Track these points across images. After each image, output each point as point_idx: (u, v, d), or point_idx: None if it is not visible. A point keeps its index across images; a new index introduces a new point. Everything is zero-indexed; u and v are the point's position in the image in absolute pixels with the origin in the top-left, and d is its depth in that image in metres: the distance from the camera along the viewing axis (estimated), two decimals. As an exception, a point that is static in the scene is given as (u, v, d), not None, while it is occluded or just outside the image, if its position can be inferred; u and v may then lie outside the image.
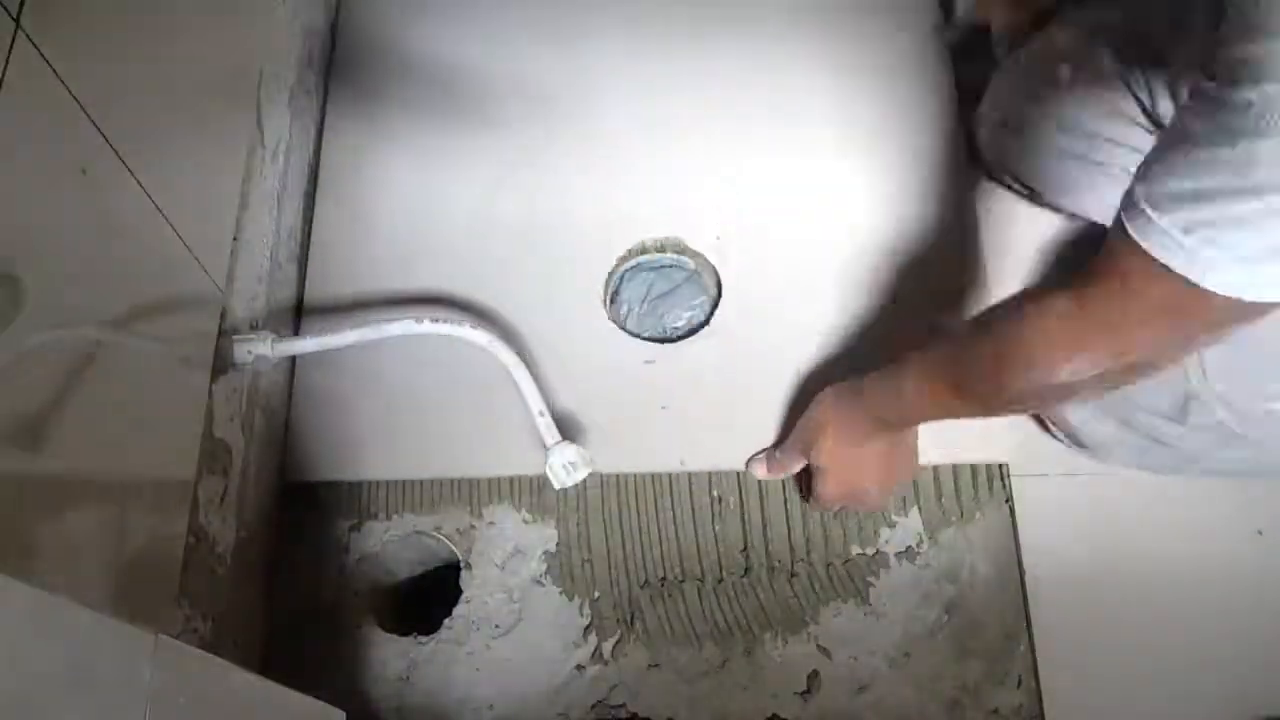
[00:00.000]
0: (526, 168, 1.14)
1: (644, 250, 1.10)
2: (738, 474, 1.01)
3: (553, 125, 1.16)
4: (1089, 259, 0.63)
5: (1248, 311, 0.56)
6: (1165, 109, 0.89)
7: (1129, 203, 0.58)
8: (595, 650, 0.96)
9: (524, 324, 1.06)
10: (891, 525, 1.00)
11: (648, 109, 1.16)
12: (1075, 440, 1.00)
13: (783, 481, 1.01)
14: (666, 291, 1.11)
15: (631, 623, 0.97)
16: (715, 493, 1.01)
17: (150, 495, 0.73)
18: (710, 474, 1.01)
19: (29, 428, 0.57)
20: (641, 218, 1.11)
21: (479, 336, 0.90)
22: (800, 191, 1.12)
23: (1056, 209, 1.11)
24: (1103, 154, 0.95)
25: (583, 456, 0.89)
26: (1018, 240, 1.12)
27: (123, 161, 0.65)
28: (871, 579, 0.98)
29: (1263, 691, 0.95)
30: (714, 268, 1.09)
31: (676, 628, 0.97)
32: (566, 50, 1.20)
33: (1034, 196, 1.10)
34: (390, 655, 0.96)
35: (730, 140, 1.15)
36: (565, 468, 0.88)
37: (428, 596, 1.03)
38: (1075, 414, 0.97)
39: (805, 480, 0.98)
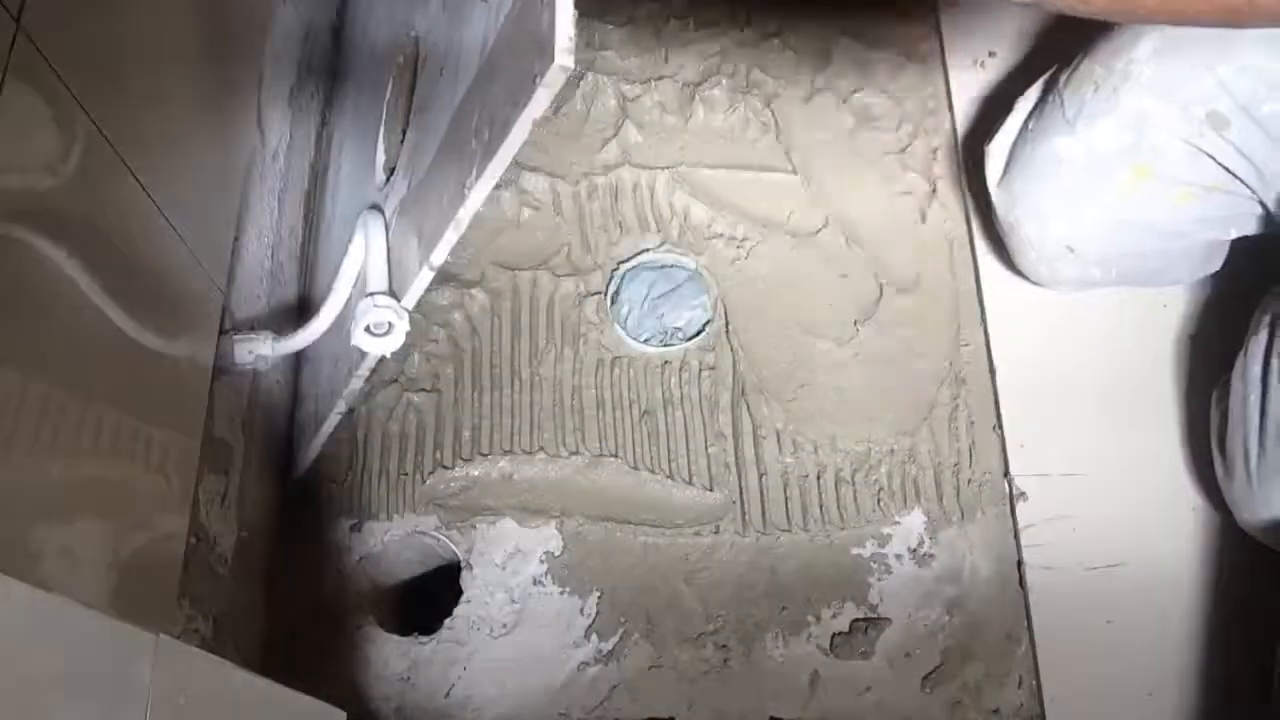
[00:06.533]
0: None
1: (645, 250, 1.11)
2: (739, 477, 1.02)
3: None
4: None
5: None
6: None
7: None
8: (595, 650, 0.96)
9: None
10: (893, 525, 1.00)
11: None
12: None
13: (784, 483, 1.01)
14: (667, 291, 1.11)
15: (632, 623, 0.97)
16: (717, 494, 1.01)
17: (151, 495, 0.73)
18: (712, 476, 1.02)
19: (30, 427, 0.57)
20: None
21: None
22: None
23: None
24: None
25: (397, 315, 0.76)
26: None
27: (123, 161, 0.65)
28: (871, 579, 0.98)
29: (1259, 688, 0.95)
30: (715, 275, 1.09)
31: (677, 628, 0.97)
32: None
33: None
34: (390, 655, 0.96)
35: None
36: (372, 329, 0.76)
37: (428, 596, 1.03)
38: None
39: None
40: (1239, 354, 0.92)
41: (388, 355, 0.79)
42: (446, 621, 0.97)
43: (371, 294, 0.77)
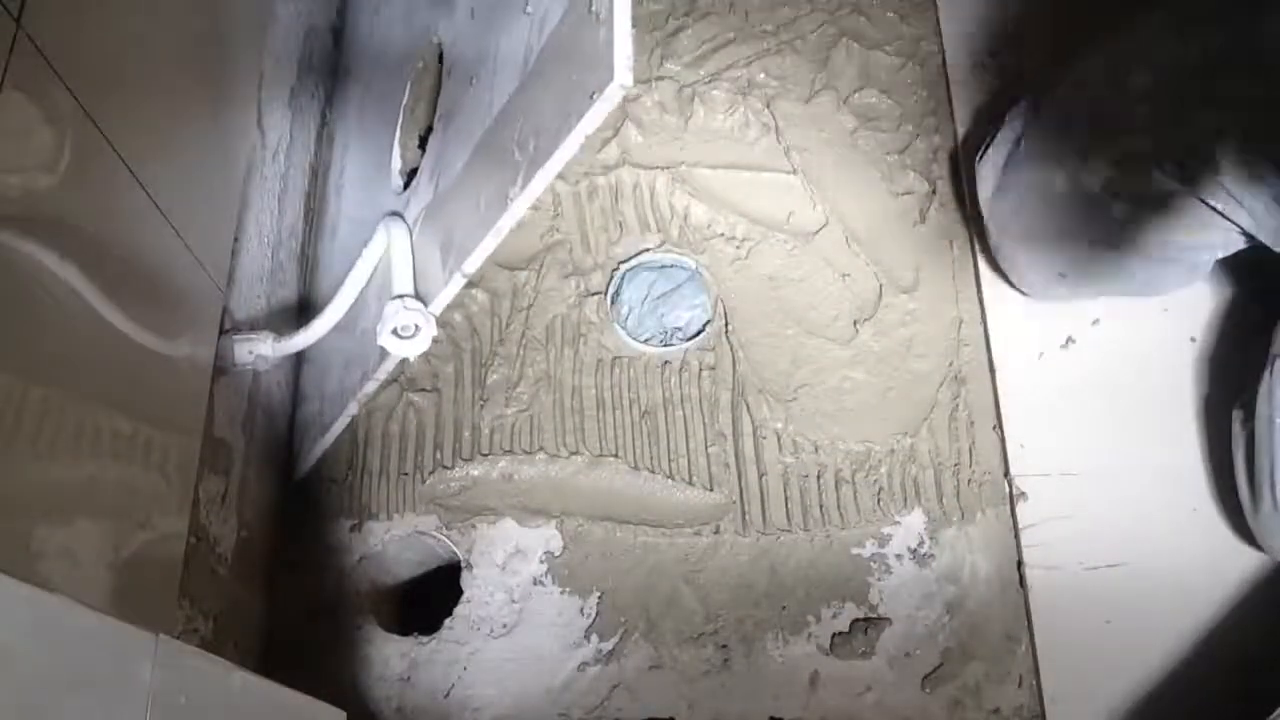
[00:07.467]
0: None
1: (645, 250, 1.11)
2: (739, 477, 1.02)
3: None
4: None
5: None
6: None
7: None
8: (595, 650, 0.96)
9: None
10: (893, 525, 1.00)
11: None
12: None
13: (784, 483, 1.01)
14: (667, 291, 1.11)
15: (632, 623, 0.97)
16: (717, 494, 1.01)
17: (151, 495, 0.73)
18: (712, 476, 1.02)
19: (31, 428, 0.57)
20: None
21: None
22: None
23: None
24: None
25: (424, 319, 0.78)
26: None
27: (123, 161, 0.65)
28: (871, 579, 0.98)
29: (1259, 687, 0.95)
30: (715, 275, 1.09)
31: (677, 628, 0.97)
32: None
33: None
34: (391, 655, 0.96)
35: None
36: (399, 331, 0.79)
37: (428, 596, 1.03)
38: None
39: None
40: (1264, 371, 0.91)
41: (411, 359, 0.80)
42: (446, 621, 0.97)
43: (399, 296, 0.79)
